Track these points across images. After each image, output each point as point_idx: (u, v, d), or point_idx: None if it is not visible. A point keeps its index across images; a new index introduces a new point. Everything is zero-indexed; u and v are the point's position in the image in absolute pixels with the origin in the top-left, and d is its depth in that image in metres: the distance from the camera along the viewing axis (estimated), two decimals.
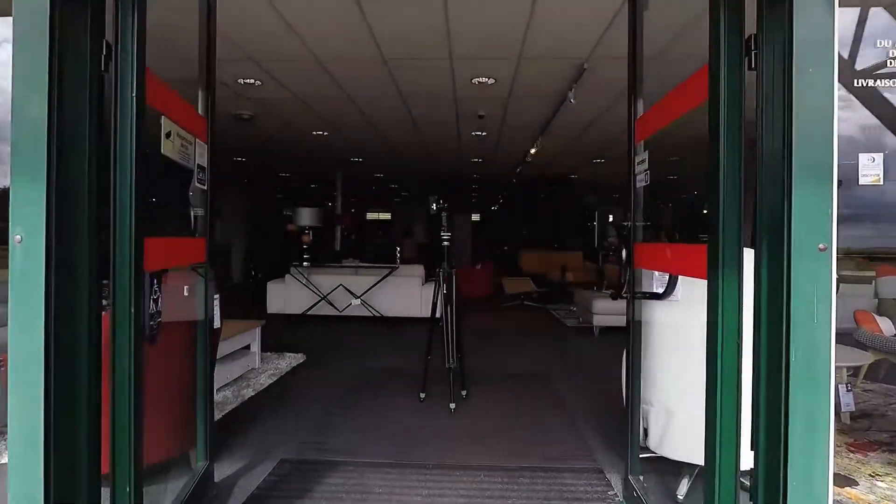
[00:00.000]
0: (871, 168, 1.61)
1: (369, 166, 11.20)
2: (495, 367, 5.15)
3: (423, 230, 20.94)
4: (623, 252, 2.35)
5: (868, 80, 1.79)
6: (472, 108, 6.43)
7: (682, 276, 2.44)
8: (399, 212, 22.05)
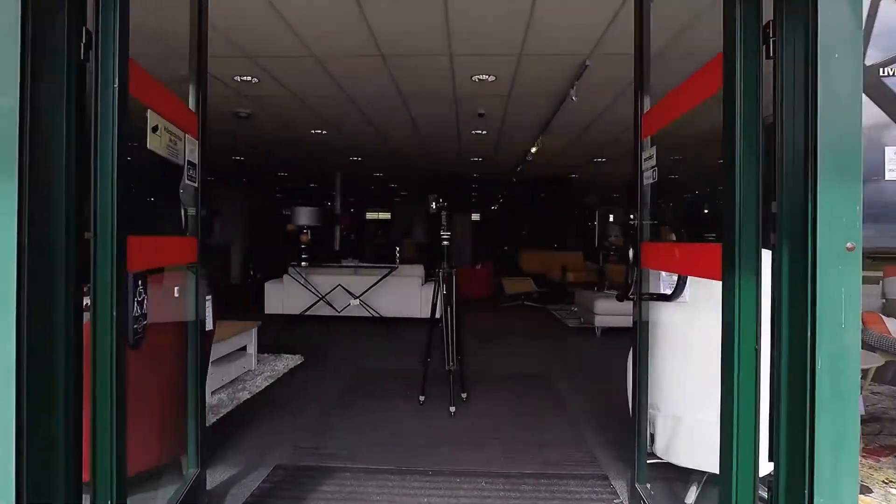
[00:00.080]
0: None
1: (369, 165, 11.12)
2: (496, 368, 5.07)
3: (422, 230, 20.89)
4: (630, 251, 2.26)
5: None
6: (472, 106, 6.35)
7: (689, 277, 2.36)
8: (399, 211, 22.00)
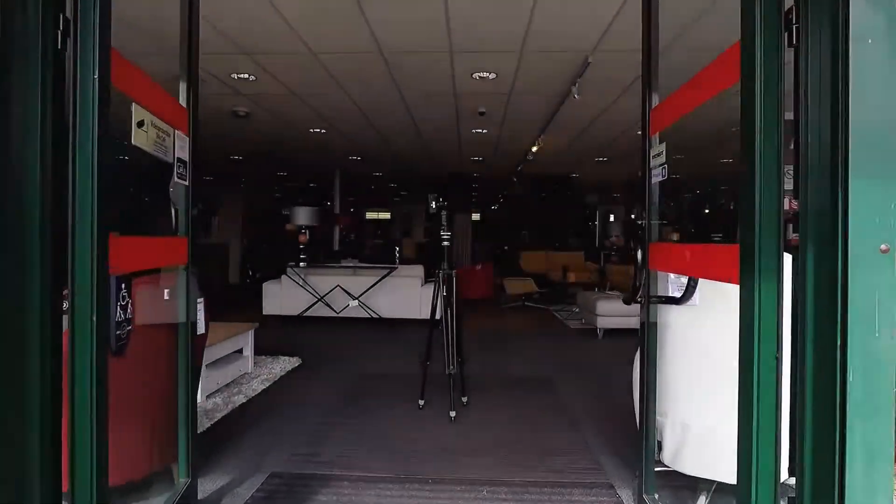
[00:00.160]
0: None
1: (368, 165, 11.04)
2: (497, 370, 4.98)
3: (422, 229, 20.81)
4: (637, 252, 2.17)
5: None
6: (472, 104, 6.26)
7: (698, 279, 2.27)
8: (398, 211, 21.92)
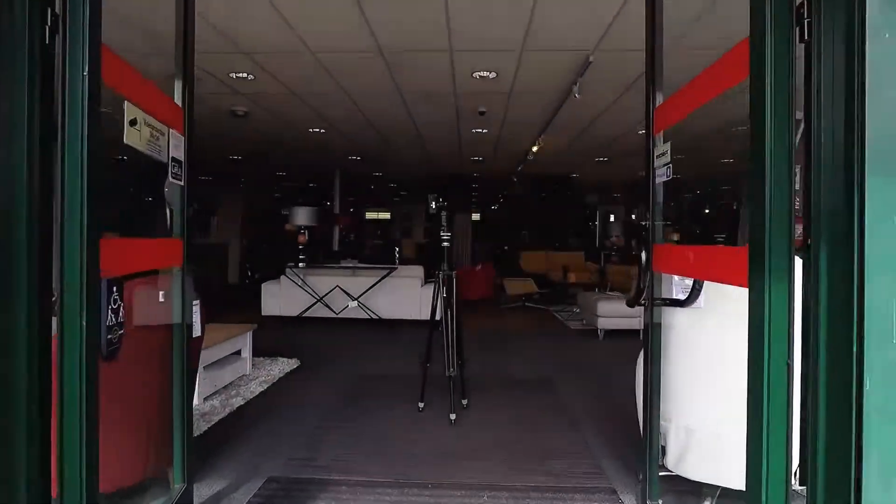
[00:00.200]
0: None
1: (368, 165, 10.99)
2: (497, 371, 4.94)
3: (422, 229, 20.76)
4: (642, 254, 2.13)
5: None
6: (472, 103, 6.22)
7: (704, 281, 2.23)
8: (398, 211, 21.87)
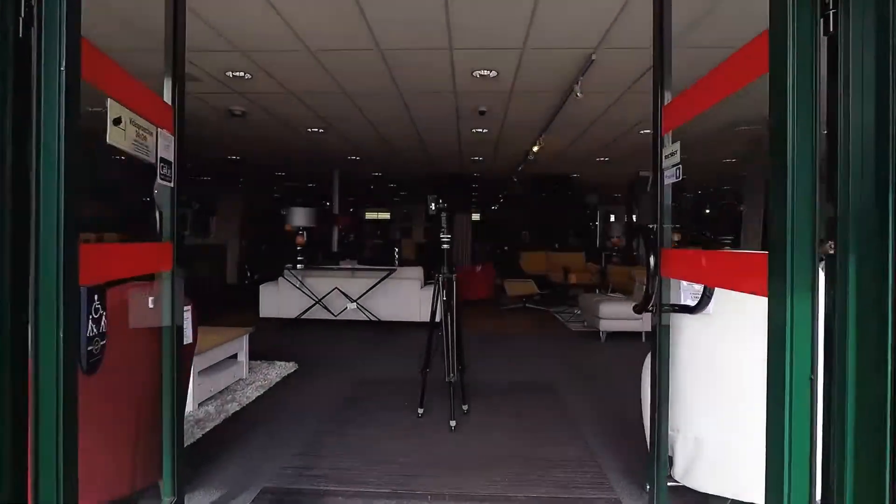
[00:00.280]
0: None
1: (367, 165, 10.92)
2: (498, 376, 4.85)
3: (422, 229, 20.71)
4: (650, 259, 2.05)
5: None
6: (472, 103, 6.14)
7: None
8: (398, 211, 21.82)
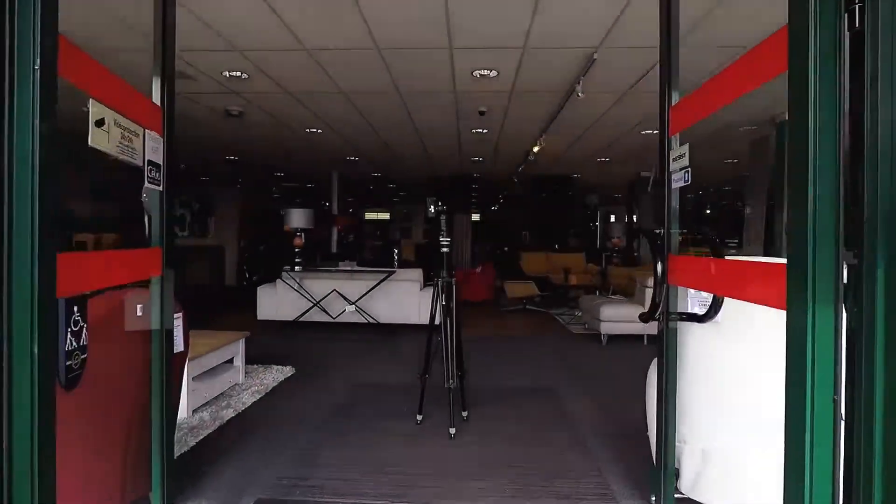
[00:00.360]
0: None
1: (366, 165, 10.85)
2: (498, 379, 4.78)
3: (421, 230, 20.65)
4: (658, 266, 1.97)
5: None
6: (472, 103, 6.07)
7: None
8: (398, 211, 21.77)
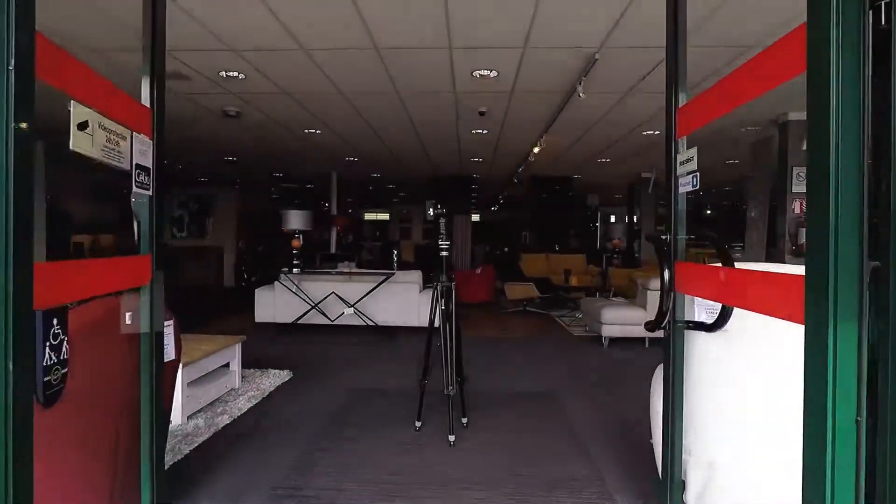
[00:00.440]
0: None
1: (365, 166, 10.78)
2: (498, 383, 4.71)
3: (421, 230, 20.59)
4: (664, 273, 1.90)
5: None
6: (472, 103, 6.00)
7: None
8: (397, 211, 21.71)
